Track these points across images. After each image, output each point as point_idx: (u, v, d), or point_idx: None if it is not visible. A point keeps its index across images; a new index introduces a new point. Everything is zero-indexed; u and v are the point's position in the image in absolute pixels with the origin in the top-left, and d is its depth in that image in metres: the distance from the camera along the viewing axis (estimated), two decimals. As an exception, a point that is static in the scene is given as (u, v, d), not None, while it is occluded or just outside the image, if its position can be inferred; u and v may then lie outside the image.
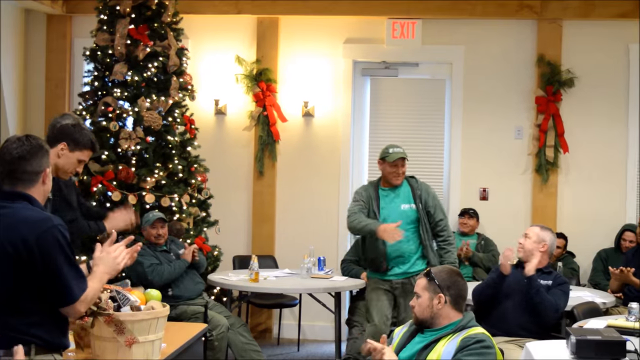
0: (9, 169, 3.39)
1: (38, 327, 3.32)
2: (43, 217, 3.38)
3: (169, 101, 7.59)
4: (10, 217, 3.33)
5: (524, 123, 8.87)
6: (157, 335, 3.97)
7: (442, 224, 6.55)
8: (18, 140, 3.42)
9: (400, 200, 6.53)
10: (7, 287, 3.27)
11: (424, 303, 4.10)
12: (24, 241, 3.27)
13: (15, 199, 3.39)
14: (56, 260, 3.30)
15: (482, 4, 8.73)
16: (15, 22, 8.98)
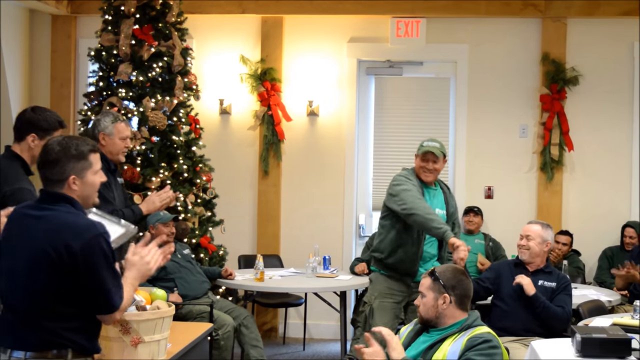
0: (41, 174, 3.40)
1: (75, 332, 3.32)
2: (87, 224, 3.34)
3: (174, 101, 7.60)
4: (53, 220, 3.31)
5: (529, 121, 8.87)
6: (163, 335, 3.99)
7: (456, 232, 6.09)
8: (51, 144, 3.40)
9: (436, 204, 5.99)
10: (45, 291, 3.26)
11: (428, 303, 4.08)
12: (67, 247, 3.24)
13: (58, 200, 3.36)
14: (99, 269, 3.29)
15: (486, 2, 8.73)
16: (20, 23, 9.00)
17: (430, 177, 5.94)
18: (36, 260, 3.26)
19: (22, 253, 3.30)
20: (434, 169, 5.92)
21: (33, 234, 3.30)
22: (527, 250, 5.86)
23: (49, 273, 3.26)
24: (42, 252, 3.25)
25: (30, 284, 3.27)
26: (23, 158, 4.58)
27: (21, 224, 3.37)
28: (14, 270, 3.32)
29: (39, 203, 3.40)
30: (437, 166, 5.91)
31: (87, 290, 3.29)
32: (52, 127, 4.60)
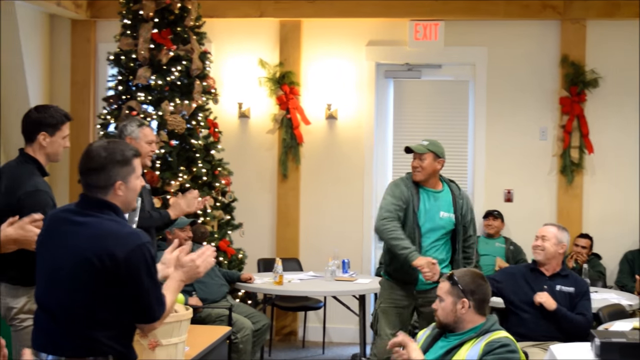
0: (83, 180, 3.36)
1: (115, 340, 3.30)
2: (131, 232, 3.33)
3: (193, 105, 7.62)
4: (96, 227, 3.28)
5: (548, 124, 8.83)
6: (181, 338, 3.99)
7: (472, 240, 5.96)
8: (94, 149, 3.36)
9: (440, 207, 5.83)
10: (88, 298, 3.24)
11: (447, 307, 4.06)
12: (111, 256, 3.21)
13: (101, 207, 3.33)
14: (142, 279, 3.26)
15: (504, 4, 8.70)
16: (40, 28, 9.05)
17: (419, 176, 5.79)
18: (80, 267, 3.23)
19: (65, 259, 3.27)
20: (420, 167, 5.78)
21: (76, 241, 3.27)
22: (542, 251, 5.80)
23: (92, 281, 3.23)
24: (85, 260, 3.22)
25: (73, 290, 3.24)
26: (37, 159, 4.59)
27: (62, 229, 3.34)
28: (54, 276, 3.29)
29: (80, 208, 3.36)
30: (422, 164, 5.78)
31: (128, 298, 3.27)
32: (59, 121, 4.61)
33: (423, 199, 5.80)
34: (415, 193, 5.80)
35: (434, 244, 5.77)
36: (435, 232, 5.79)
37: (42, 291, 3.35)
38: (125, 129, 5.56)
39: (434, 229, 5.78)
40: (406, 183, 5.86)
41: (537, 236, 5.91)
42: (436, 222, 5.79)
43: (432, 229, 5.78)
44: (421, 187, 5.84)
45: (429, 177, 5.81)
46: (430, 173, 5.80)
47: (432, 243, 5.76)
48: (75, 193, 8.59)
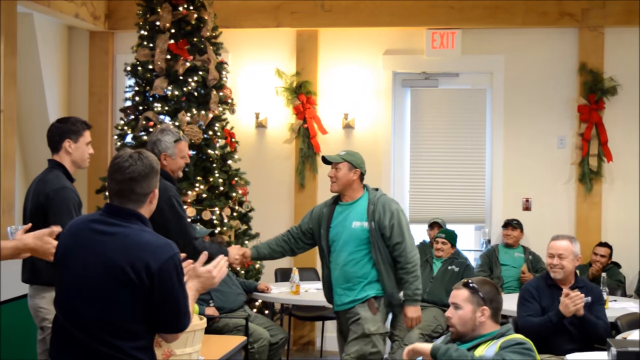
0: (119, 188, 3.32)
1: (144, 351, 3.29)
2: (164, 243, 3.31)
3: (209, 115, 7.64)
4: (130, 238, 3.27)
5: (567, 132, 8.79)
6: (194, 348, 3.98)
7: (399, 248, 5.47)
8: (130, 158, 3.33)
9: (353, 217, 5.54)
10: (120, 309, 3.23)
11: (466, 315, 4.01)
12: (146, 267, 3.20)
13: (129, 218, 3.31)
14: (174, 289, 3.27)
15: (522, 13, 8.67)
16: (59, 39, 9.11)
17: (334, 187, 5.60)
18: (113, 277, 3.21)
19: (96, 269, 3.24)
20: (334, 177, 5.57)
21: (108, 251, 3.24)
22: (562, 269, 5.66)
23: (126, 291, 3.21)
24: (120, 270, 3.20)
25: (105, 301, 3.22)
26: (64, 165, 4.83)
27: (90, 239, 3.30)
28: (84, 286, 3.26)
29: (107, 218, 3.33)
30: (337, 174, 5.56)
31: (159, 309, 3.26)
32: (81, 128, 4.90)
33: (336, 214, 5.62)
34: (329, 210, 5.65)
35: (351, 258, 5.51)
36: (349, 244, 5.52)
37: (67, 301, 3.31)
38: (159, 144, 5.36)
39: (348, 240, 5.52)
40: (325, 203, 5.76)
41: (551, 254, 5.72)
42: (348, 233, 5.52)
43: (346, 241, 5.53)
44: (338, 203, 5.65)
45: (346, 188, 5.59)
46: (346, 184, 5.57)
47: (349, 256, 5.51)
48: (92, 202, 8.61)
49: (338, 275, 5.56)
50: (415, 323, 5.63)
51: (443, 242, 7.90)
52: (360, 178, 5.65)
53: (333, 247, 5.59)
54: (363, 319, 5.47)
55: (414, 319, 5.59)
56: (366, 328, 5.45)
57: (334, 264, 5.58)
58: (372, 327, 5.47)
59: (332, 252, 5.59)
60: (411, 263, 5.49)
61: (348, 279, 5.53)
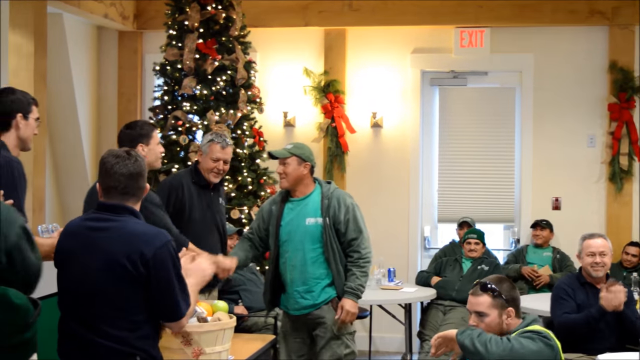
0: (126, 185, 3.40)
1: (144, 340, 3.37)
2: (156, 231, 3.42)
3: (238, 114, 7.65)
4: (123, 230, 3.36)
5: (597, 131, 8.72)
6: (224, 346, 3.99)
7: (355, 243, 5.20)
8: (129, 155, 3.44)
9: (305, 213, 5.24)
10: (121, 300, 3.31)
11: (493, 322, 3.87)
12: (141, 256, 3.29)
13: (120, 212, 3.40)
14: (169, 275, 3.35)
15: (551, 11, 8.61)
16: (88, 39, 9.16)
17: (284, 183, 5.26)
18: (111, 271, 3.29)
19: (95, 265, 3.32)
20: (284, 173, 5.24)
21: (104, 246, 3.33)
22: (603, 267, 5.65)
23: (124, 283, 3.30)
24: (116, 263, 3.29)
25: (107, 295, 3.30)
26: None
27: (87, 237, 3.39)
28: (86, 283, 3.34)
29: (99, 214, 3.43)
30: (287, 169, 5.23)
31: (157, 297, 3.34)
32: (150, 129, 4.96)
33: (287, 211, 5.30)
34: (278, 207, 5.32)
35: (309, 257, 5.21)
36: (305, 243, 5.21)
37: (70, 299, 3.40)
38: (203, 139, 5.75)
39: (303, 239, 5.21)
40: (274, 198, 5.43)
41: (593, 252, 5.69)
42: (302, 231, 5.22)
43: (301, 240, 5.21)
44: (288, 199, 5.33)
45: (297, 183, 5.27)
46: (296, 178, 5.24)
47: (306, 255, 5.20)
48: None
49: (294, 277, 5.22)
50: (350, 319, 5.18)
51: (476, 243, 7.87)
52: (311, 172, 5.31)
53: (284, 247, 5.25)
54: (329, 320, 5.20)
55: (351, 313, 5.15)
56: (335, 329, 5.21)
57: (288, 265, 5.23)
58: (341, 328, 5.22)
59: (284, 252, 5.25)
60: (364, 259, 5.20)
61: (305, 280, 5.21)
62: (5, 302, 2.89)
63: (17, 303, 2.90)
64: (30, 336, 2.95)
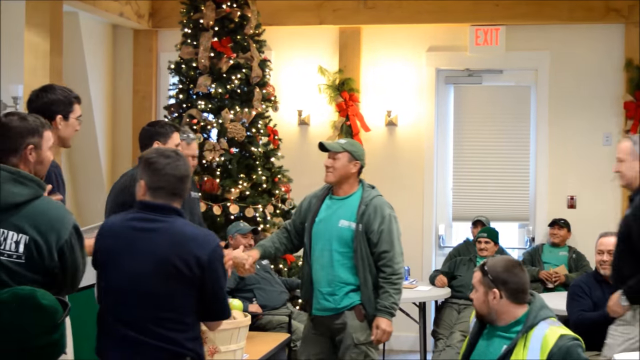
0: (175, 186, 3.40)
1: (194, 341, 3.38)
2: (207, 233, 3.44)
3: (253, 112, 7.65)
4: (174, 232, 3.34)
5: (613, 129, 8.68)
6: (239, 345, 4.00)
7: (386, 257, 4.99)
8: (178, 155, 3.44)
9: (341, 214, 5.05)
10: (174, 303, 3.30)
11: (479, 298, 3.96)
12: (197, 259, 3.29)
13: (167, 212, 3.39)
14: (220, 277, 3.38)
15: (567, 9, 8.57)
16: (103, 38, 9.19)
17: (330, 177, 5.07)
18: (164, 272, 3.28)
19: (145, 267, 3.30)
20: (332, 167, 5.05)
21: (155, 247, 3.31)
22: (610, 266, 5.66)
23: (178, 284, 3.29)
24: (170, 265, 3.28)
25: (156, 296, 3.29)
26: None
27: (133, 237, 3.36)
28: (134, 284, 3.31)
29: (144, 214, 3.40)
30: (335, 164, 5.05)
31: (210, 298, 3.35)
32: (170, 130, 4.91)
33: (324, 207, 5.13)
34: (317, 202, 5.15)
35: (337, 259, 5.01)
36: (334, 243, 5.01)
37: (117, 301, 3.35)
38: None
39: (333, 239, 5.02)
40: (317, 192, 5.27)
41: (601, 250, 5.71)
42: (333, 231, 5.03)
43: (331, 240, 5.02)
44: (329, 195, 5.17)
45: (342, 181, 5.09)
46: (343, 175, 5.07)
47: (334, 256, 5.01)
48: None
49: (321, 277, 5.03)
50: (385, 339, 5.01)
51: (486, 242, 7.84)
52: (359, 172, 5.16)
53: (315, 244, 5.07)
54: (351, 327, 4.98)
55: (387, 333, 4.97)
56: (355, 338, 4.98)
57: (316, 263, 5.05)
58: (361, 337, 4.99)
59: (314, 249, 5.07)
60: (397, 275, 5.01)
61: (330, 282, 5.01)
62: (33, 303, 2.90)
63: (44, 304, 2.92)
64: (58, 337, 2.95)
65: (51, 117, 4.11)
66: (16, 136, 3.39)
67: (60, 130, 4.18)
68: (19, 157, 3.39)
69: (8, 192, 3.25)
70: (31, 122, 3.44)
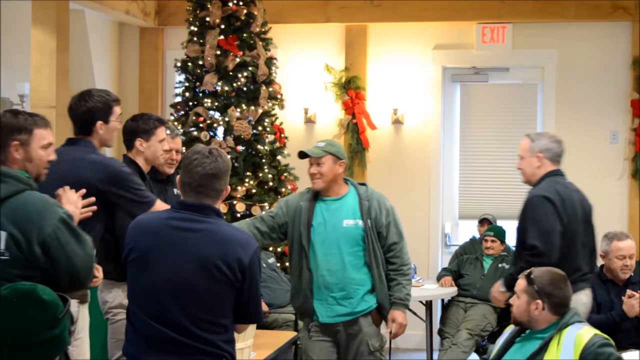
0: (199, 183, 3.34)
1: (229, 343, 3.36)
2: (247, 236, 3.40)
3: (259, 110, 7.65)
4: (216, 233, 3.31)
5: (620, 127, 8.65)
6: (246, 343, 4.00)
7: (396, 248, 4.92)
8: (210, 154, 3.37)
9: (343, 214, 4.88)
10: (215, 304, 3.28)
11: (521, 306, 4.00)
12: (239, 261, 3.27)
13: (209, 213, 3.35)
14: (258, 280, 3.36)
15: (574, 6, 8.55)
16: (109, 36, 9.19)
17: (319, 184, 4.87)
18: (206, 273, 3.25)
19: (185, 267, 3.26)
20: (318, 173, 4.85)
21: (197, 248, 3.27)
22: (630, 270, 5.65)
23: (219, 286, 3.26)
24: (213, 266, 3.25)
25: (199, 297, 3.25)
26: (137, 163, 4.76)
27: (172, 237, 3.32)
28: (172, 285, 3.26)
29: (185, 214, 3.35)
30: (321, 169, 4.85)
31: (247, 301, 3.33)
32: (154, 125, 4.77)
33: (319, 211, 4.91)
34: (309, 205, 4.92)
35: (348, 261, 4.85)
36: (343, 245, 4.85)
37: (154, 300, 3.30)
38: None
39: (340, 242, 4.85)
40: (304, 195, 5.02)
41: (623, 255, 5.66)
42: (339, 233, 4.86)
43: (338, 242, 4.85)
44: (319, 198, 4.95)
45: (331, 184, 4.91)
46: (332, 179, 4.89)
47: (346, 259, 4.85)
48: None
49: (331, 282, 4.83)
50: (401, 331, 4.90)
51: (492, 240, 7.82)
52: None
53: (317, 249, 4.86)
54: (366, 334, 4.87)
55: (402, 326, 4.88)
56: (371, 345, 4.87)
57: (322, 269, 4.84)
58: (376, 344, 4.91)
59: (316, 255, 4.86)
60: (407, 265, 4.95)
61: (345, 286, 4.84)
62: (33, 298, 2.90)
63: (45, 299, 2.91)
64: (59, 332, 2.95)
65: (92, 123, 4.21)
66: (2, 133, 3.39)
67: (102, 134, 4.25)
68: (4, 155, 3.39)
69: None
70: (21, 120, 3.43)
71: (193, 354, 3.25)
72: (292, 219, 4.92)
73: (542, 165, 5.26)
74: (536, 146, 5.23)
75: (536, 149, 5.22)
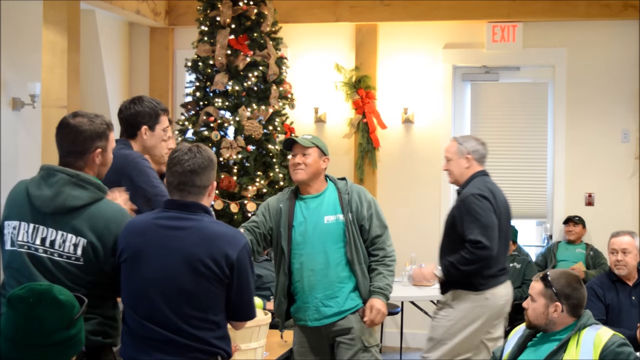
0: (179, 181, 3.36)
1: (222, 340, 3.36)
2: (236, 232, 3.40)
3: (269, 110, 7.66)
4: (203, 230, 3.31)
5: (631, 126, 8.63)
6: (259, 342, 4.00)
7: (379, 241, 4.80)
8: (189, 151, 3.38)
9: (323, 211, 4.76)
10: (204, 301, 3.28)
11: (538, 309, 3.97)
12: (226, 257, 3.26)
13: (196, 210, 3.36)
14: (248, 277, 3.34)
15: (584, 5, 8.53)
16: (120, 36, 9.21)
17: (301, 174, 4.75)
18: (194, 271, 3.25)
19: (174, 265, 3.27)
20: (303, 163, 4.74)
21: (185, 246, 3.28)
22: (625, 266, 5.63)
23: (208, 283, 3.26)
24: (200, 263, 3.25)
25: (188, 295, 3.26)
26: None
27: (161, 236, 3.33)
28: (162, 283, 3.27)
29: (171, 213, 3.36)
30: (307, 160, 4.74)
31: (237, 297, 3.33)
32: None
33: (299, 210, 4.79)
34: (289, 206, 4.80)
35: (332, 259, 4.73)
36: (325, 243, 4.72)
37: (144, 300, 3.31)
38: None
39: (323, 240, 4.73)
40: (281, 197, 4.91)
41: (614, 249, 5.69)
42: (321, 230, 4.74)
43: (320, 241, 4.73)
44: (298, 197, 4.84)
45: (313, 178, 4.80)
46: (315, 172, 4.77)
47: (329, 258, 4.73)
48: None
49: (314, 283, 4.70)
50: (379, 320, 4.71)
51: (505, 240, 7.81)
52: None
53: (299, 249, 4.74)
54: (359, 330, 4.73)
55: (381, 313, 4.68)
56: (365, 341, 4.75)
57: (305, 269, 4.73)
58: (370, 339, 4.78)
59: (298, 255, 4.74)
60: (390, 257, 4.81)
61: (329, 285, 4.71)
62: (50, 298, 2.91)
63: (61, 299, 2.92)
64: (75, 333, 2.96)
65: (137, 127, 4.22)
66: (86, 140, 3.43)
67: (146, 140, 4.24)
68: (85, 160, 3.42)
69: (68, 195, 3.31)
70: (99, 125, 3.48)
71: (187, 352, 3.26)
72: (277, 222, 4.80)
73: (470, 166, 5.58)
74: (464, 148, 5.56)
75: (465, 151, 5.56)
